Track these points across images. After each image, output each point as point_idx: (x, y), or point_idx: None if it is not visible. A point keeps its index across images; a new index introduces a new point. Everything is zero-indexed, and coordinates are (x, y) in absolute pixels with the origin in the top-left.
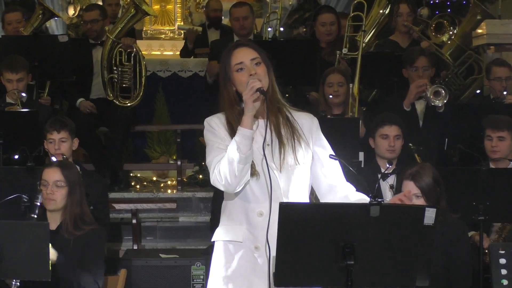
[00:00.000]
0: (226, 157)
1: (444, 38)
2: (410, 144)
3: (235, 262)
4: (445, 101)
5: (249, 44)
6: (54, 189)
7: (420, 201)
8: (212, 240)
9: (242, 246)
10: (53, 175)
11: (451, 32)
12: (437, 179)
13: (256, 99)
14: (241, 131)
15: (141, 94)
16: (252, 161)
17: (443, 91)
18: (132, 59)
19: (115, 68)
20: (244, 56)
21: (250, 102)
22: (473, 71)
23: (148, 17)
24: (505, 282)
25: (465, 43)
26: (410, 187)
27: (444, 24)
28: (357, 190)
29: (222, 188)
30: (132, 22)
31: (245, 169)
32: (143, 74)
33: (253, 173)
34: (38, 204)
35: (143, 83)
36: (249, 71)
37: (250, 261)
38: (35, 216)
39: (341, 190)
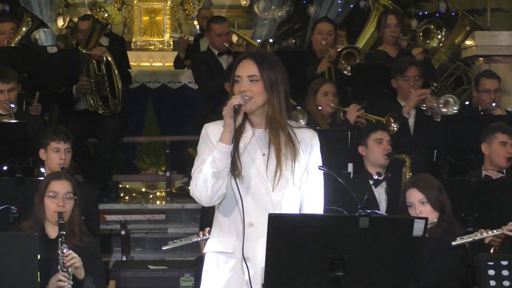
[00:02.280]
0: (203, 170)
1: (434, 44)
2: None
3: (225, 273)
4: (455, 108)
5: (255, 58)
6: (66, 201)
7: (427, 208)
8: (204, 251)
9: (232, 257)
10: (64, 187)
11: (439, 36)
12: (440, 186)
13: (231, 115)
14: (219, 145)
15: (120, 102)
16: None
17: (452, 100)
18: (104, 68)
19: (92, 79)
20: (244, 71)
21: (227, 118)
22: (462, 83)
23: (137, 28)
24: None
25: (454, 54)
26: (415, 194)
27: (432, 30)
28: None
29: (197, 200)
30: (97, 32)
31: (218, 184)
32: (118, 81)
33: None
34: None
35: (119, 92)
36: (242, 86)
37: (240, 273)
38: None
39: None
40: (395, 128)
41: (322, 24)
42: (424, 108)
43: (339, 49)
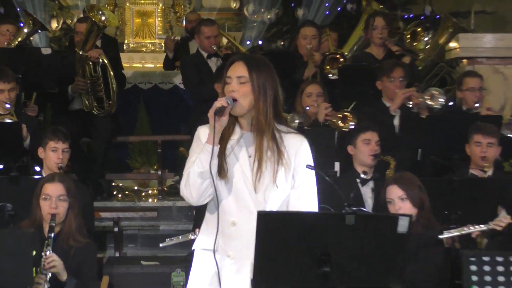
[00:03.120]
0: (190, 170)
1: (421, 46)
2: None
3: (210, 268)
4: (442, 101)
5: (246, 60)
6: (58, 203)
7: (406, 204)
8: (192, 248)
9: (218, 255)
10: (56, 190)
11: (426, 39)
12: (420, 185)
13: (215, 117)
14: (205, 146)
15: (114, 102)
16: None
17: (441, 99)
18: (99, 70)
19: (88, 80)
20: (234, 72)
21: (211, 119)
22: (446, 83)
23: (129, 30)
24: (477, 284)
25: (438, 55)
26: (395, 190)
27: (419, 32)
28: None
29: (186, 200)
30: (93, 35)
31: (205, 184)
32: (113, 83)
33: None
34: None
35: (114, 92)
36: (231, 87)
37: (223, 268)
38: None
39: None
40: (351, 126)
41: (306, 28)
42: (411, 106)
43: (324, 54)
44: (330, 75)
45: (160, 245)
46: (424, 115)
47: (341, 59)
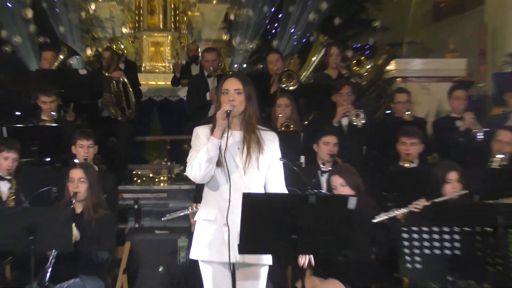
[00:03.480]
0: (199, 156)
1: (362, 71)
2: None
3: (210, 235)
4: (363, 121)
5: (239, 77)
6: (79, 184)
7: (346, 188)
8: (194, 219)
9: (214, 224)
10: (77, 174)
11: (368, 66)
12: (355, 172)
13: (224, 117)
14: (211, 139)
15: (133, 111)
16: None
17: (362, 114)
18: (121, 87)
19: (112, 95)
20: (231, 85)
21: (220, 120)
22: (382, 96)
23: (146, 56)
24: (407, 250)
25: (376, 75)
26: (336, 179)
27: (363, 60)
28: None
29: (191, 178)
30: (115, 59)
31: (210, 167)
32: (130, 96)
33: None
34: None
35: (132, 103)
36: (230, 97)
37: (220, 235)
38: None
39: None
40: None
41: (270, 55)
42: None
43: (279, 72)
44: (284, 86)
45: (162, 219)
46: (358, 125)
47: (295, 76)
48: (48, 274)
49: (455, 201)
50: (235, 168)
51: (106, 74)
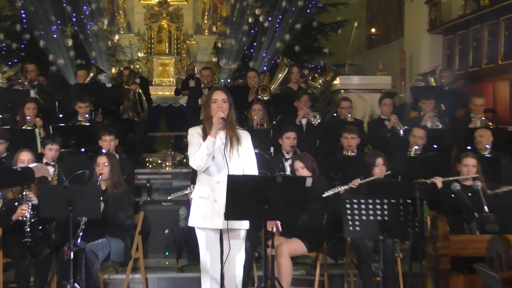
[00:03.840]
0: (200, 151)
1: (316, 84)
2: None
3: (203, 208)
4: (319, 121)
5: (223, 90)
6: (103, 167)
7: (305, 171)
8: (191, 197)
9: (207, 200)
10: (102, 160)
11: (320, 81)
12: (311, 159)
13: (219, 122)
14: (209, 138)
15: (146, 114)
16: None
17: (318, 115)
18: (137, 96)
19: (130, 102)
20: (219, 96)
21: (216, 123)
22: (330, 103)
23: (156, 73)
24: (349, 217)
25: (326, 88)
26: (298, 163)
27: (316, 77)
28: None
29: (194, 167)
30: (132, 76)
31: (209, 159)
32: (144, 103)
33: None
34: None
35: (145, 108)
36: (219, 105)
37: (211, 208)
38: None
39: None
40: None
41: (249, 73)
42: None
43: (256, 87)
44: (259, 96)
45: (168, 197)
46: (315, 124)
47: (268, 89)
48: (80, 237)
49: (385, 181)
50: (222, 158)
51: (126, 87)
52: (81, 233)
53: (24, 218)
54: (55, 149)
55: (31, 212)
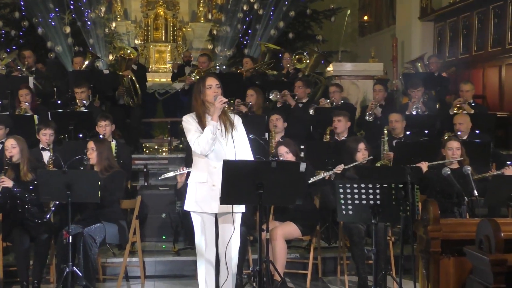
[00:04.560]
0: (204, 136)
1: (303, 66)
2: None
3: (202, 192)
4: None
5: (216, 76)
6: (91, 152)
7: (289, 155)
8: (187, 181)
9: (205, 185)
10: (90, 145)
11: (307, 61)
12: (294, 143)
13: (222, 106)
14: (211, 123)
15: (139, 99)
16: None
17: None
18: (130, 82)
19: (125, 88)
20: (213, 81)
21: (218, 108)
22: (317, 83)
23: (152, 60)
24: (342, 201)
25: (312, 70)
26: (282, 148)
27: (302, 58)
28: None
29: (199, 152)
30: (124, 63)
31: (212, 144)
32: (138, 89)
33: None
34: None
35: (139, 94)
36: (214, 90)
37: (209, 192)
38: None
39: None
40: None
41: (245, 59)
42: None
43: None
44: (257, 82)
45: (159, 178)
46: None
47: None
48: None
49: (380, 166)
50: (218, 143)
51: (120, 73)
52: (53, 208)
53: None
54: (49, 134)
55: (18, 194)
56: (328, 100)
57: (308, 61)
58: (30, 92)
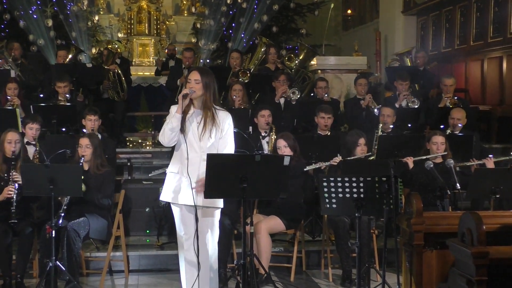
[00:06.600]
0: (164, 127)
1: (293, 64)
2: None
3: (175, 183)
4: (298, 96)
5: (199, 70)
6: (86, 149)
7: (287, 149)
8: (166, 171)
9: (177, 175)
10: (84, 142)
11: (296, 61)
12: (293, 138)
13: (181, 98)
14: (175, 115)
15: (125, 94)
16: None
17: (297, 91)
18: (116, 76)
19: (110, 82)
20: (192, 76)
21: (180, 100)
22: (305, 80)
23: (136, 54)
24: (326, 195)
25: (301, 66)
26: (280, 141)
27: (292, 57)
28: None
29: (162, 143)
30: (111, 57)
31: (172, 135)
32: (123, 83)
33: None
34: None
35: (125, 88)
36: (190, 85)
37: (183, 183)
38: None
39: None
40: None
41: (232, 53)
42: (286, 97)
43: (237, 69)
44: (241, 79)
45: (149, 175)
46: (293, 102)
47: (248, 72)
48: (62, 217)
49: (362, 159)
50: (193, 137)
51: (106, 67)
52: (62, 214)
53: (11, 200)
54: (35, 128)
55: (17, 192)
56: (326, 95)
57: (297, 62)
58: (18, 87)
